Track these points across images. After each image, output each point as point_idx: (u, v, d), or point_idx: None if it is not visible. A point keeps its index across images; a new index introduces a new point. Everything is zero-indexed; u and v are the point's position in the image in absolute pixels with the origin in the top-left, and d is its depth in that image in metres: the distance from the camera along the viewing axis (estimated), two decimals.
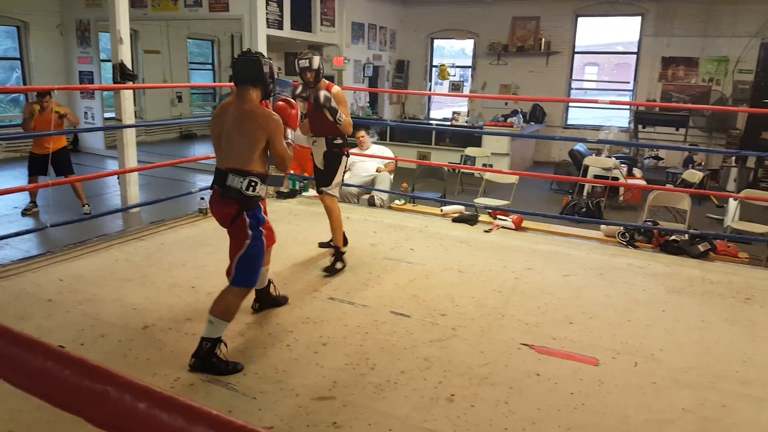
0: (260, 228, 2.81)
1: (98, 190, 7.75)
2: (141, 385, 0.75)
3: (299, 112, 3.99)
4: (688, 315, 3.62)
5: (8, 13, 10.21)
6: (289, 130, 2.99)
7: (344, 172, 4.27)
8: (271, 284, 3.49)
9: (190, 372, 2.73)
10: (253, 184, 2.73)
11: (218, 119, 2.82)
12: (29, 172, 6.47)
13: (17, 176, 8.41)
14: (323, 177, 4.19)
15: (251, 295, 3.28)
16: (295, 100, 3.94)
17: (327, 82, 4.05)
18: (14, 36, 10.72)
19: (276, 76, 2.94)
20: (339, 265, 4.07)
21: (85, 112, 10.87)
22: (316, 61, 3.92)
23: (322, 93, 3.86)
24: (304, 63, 3.90)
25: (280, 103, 3.08)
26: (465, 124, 11.12)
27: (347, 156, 4.23)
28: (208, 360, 2.73)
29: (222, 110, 2.83)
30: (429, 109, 14.03)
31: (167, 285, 3.83)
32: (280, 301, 3.54)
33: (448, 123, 11.56)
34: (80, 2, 10.51)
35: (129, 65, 6.36)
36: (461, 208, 5.85)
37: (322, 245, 4.57)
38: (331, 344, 3.09)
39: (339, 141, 4.11)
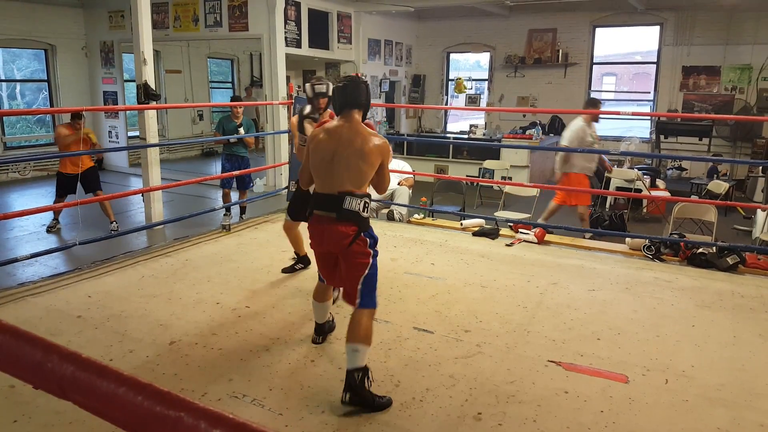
0: (377, 246, 2.78)
1: (123, 208, 7.87)
2: (215, 412, 0.75)
3: (302, 138, 3.79)
4: (719, 330, 3.54)
5: (37, 36, 10.53)
6: None
7: None
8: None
9: (343, 406, 2.59)
10: (367, 204, 2.73)
11: (325, 143, 2.73)
12: (57, 190, 6.62)
13: (44, 194, 8.59)
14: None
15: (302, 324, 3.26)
16: (303, 120, 3.83)
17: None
18: (42, 58, 11.04)
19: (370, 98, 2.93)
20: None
21: (109, 131, 11.10)
22: (331, 87, 3.86)
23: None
24: (321, 88, 3.80)
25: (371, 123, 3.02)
26: (483, 137, 11.09)
27: None
28: (363, 392, 2.60)
29: (329, 134, 2.75)
30: (446, 123, 14.04)
31: (193, 301, 3.87)
32: (332, 325, 3.43)
33: (466, 136, 11.55)
34: (104, 24, 10.78)
35: (153, 85, 6.49)
36: (481, 221, 5.82)
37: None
38: None
39: None
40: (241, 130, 6.82)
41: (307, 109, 3.89)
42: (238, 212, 7.14)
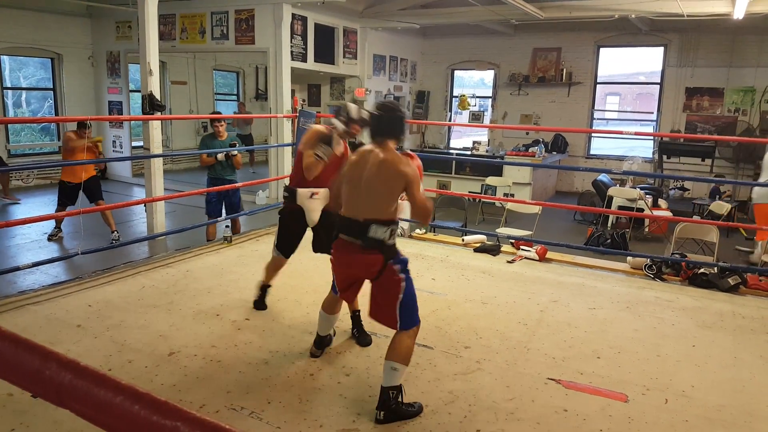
0: (407, 267, 2.74)
1: (124, 217, 7.89)
2: (212, 423, 0.75)
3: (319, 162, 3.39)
4: (720, 351, 3.53)
5: (44, 45, 10.63)
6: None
7: None
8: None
9: (376, 425, 2.61)
10: (393, 232, 2.70)
11: (355, 166, 2.76)
12: (59, 199, 6.62)
13: (47, 202, 8.62)
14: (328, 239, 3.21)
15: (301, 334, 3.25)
16: (329, 144, 3.40)
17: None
18: (48, 67, 11.14)
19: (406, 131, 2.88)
20: None
21: (114, 141, 11.16)
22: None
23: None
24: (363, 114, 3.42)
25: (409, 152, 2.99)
26: (485, 154, 11.14)
27: None
28: (398, 409, 2.64)
29: (360, 158, 2.77)
30: (449, 139, 14.10)
31: (193, 312, 3.86)
32: (331, 339, 3.44)
33: (469, 152, 11.59)
34: (111, 35, 10.89)
35: (158, 96, 6.53)
36: (483, 237, 5.82)
37: None
38: (354, 375, 3.07)
39: None
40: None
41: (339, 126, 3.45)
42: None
